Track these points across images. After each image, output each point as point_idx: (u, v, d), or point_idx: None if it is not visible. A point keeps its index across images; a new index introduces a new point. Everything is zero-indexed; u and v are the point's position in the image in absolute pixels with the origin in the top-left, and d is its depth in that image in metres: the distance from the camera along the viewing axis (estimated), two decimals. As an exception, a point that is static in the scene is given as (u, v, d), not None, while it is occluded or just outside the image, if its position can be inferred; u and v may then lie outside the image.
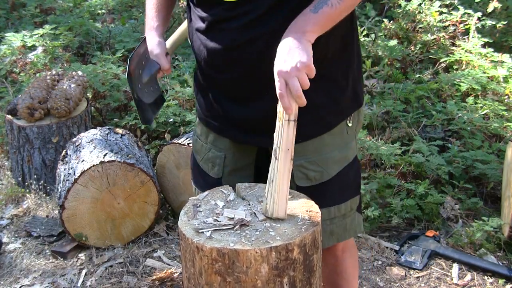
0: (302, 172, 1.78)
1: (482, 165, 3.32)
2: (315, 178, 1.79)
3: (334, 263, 2.02)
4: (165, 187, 3.36)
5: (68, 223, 3.04)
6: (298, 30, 1.52)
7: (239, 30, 1.64)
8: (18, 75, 4.73)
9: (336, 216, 1.85)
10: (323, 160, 1.79)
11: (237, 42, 1.66)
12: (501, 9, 4.78)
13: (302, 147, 1.75)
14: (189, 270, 1.50)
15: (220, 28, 1.69)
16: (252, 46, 1.65)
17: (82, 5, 6.15)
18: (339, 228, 1.87)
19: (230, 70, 1.71)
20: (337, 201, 1.84)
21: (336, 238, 1.89)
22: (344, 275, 2.04)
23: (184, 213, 1.60)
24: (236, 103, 1.77)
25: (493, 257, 2.87)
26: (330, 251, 1.98)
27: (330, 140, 1.79)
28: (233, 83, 1.74)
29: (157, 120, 3.81)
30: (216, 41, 1.69)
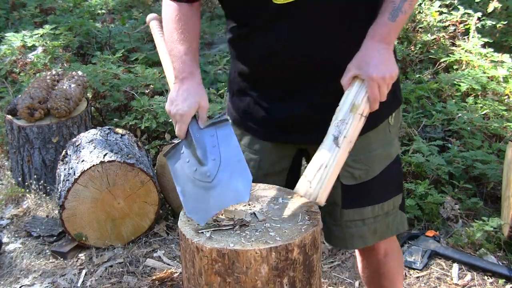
0: (348, 170, 1.77)
1: (482, 165, 3.32)
2: (360, 176, 1.79)
3: (377, 265, 2.03)
4: (165, 187, 3.36)
5: (68, 223, 3.04)
6: (383, 40, 1.59)
7: (287, 32, 1.64)
8: (18, 75, 4.73)
9: (379, 214, 1.85)
10: (368, 158, 1.78)
11: (285, 43, 1.65)
12: (501, 9, 4.78)
13: None
14: (189, 270, 1.50)
15: (266, 31, 1.67)
16: (300, 47, 1.65)
17: (82, 5, 6.16)
18: (382, 226, 1.87)
19: (278, 70, 1.70)
20: (381, 199, 1.84)
21: (379, 237, 1.89)
22: (388, 275, 2.05)
23: (184, 213, 1.60)
24: (280, 102, 1.76)
25: (493, 257, 2.87)
26: (372, 254, 1.99)
27: (375, 138, 1.79)
28: (278, 83, 1.73)
29: (157, 120, 3.81)
30: (262, 44, 1.68)
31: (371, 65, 1.55)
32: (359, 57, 1.58)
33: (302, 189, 1.52)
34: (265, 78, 1.75)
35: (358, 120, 1.55)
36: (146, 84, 4.23)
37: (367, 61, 1.56)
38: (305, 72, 1.68)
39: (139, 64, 4.68)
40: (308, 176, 1.52)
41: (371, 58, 1.56)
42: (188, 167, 1.61)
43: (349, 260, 2.94)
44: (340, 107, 1.57)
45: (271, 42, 1.66)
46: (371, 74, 1.55)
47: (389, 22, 1.59)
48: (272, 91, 1.76)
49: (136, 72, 4.38)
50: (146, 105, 3.90)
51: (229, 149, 1.60)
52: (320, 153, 1.53)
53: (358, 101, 1.56)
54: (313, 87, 1.70)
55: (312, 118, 1.71)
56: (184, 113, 1.64)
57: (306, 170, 1.54)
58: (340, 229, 1.87)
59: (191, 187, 1.59)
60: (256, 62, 1.73)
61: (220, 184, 1.56)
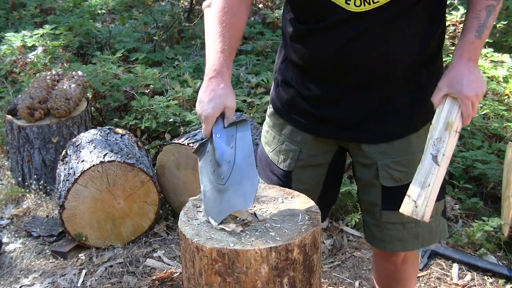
0: (388, 172, 1.78)
1: (482, 165, 3.32)
2: (400, 178, 1.78)
3: (393, 270, 2.02)
4: (165, 187, 3.37)
5: (68, 223, 3.04)
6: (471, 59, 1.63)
7: (353, 35, 1.64)
8: (18, 75, 4.73)
9: None
10: (408, 161, 1.77)
11: (350, 46, 1.65)
12: (501, 9, 4.78)
13: (390, 147, 1.77)
14: (189, 270, 1.50)
15: (332, 32, 1.66)
16: (364, 51, 1.65)
17: (82, 5, 6.16)
18: (425, 231, 1.86)
19: (337, 71, 1.70)
20: None
21: (421, 243, 1.87)
22: (403, 282, 2.05)
23: (184, 213, 1.60)
24: (329, 101, 1.76)
25: (493, 257, 2.87)
26: (391, 259, 1.98)
27: (416, 141, 1.78)
28: (332, 82, 1.73)
29: (157, 120, 3.81)
30: (326, 44, 1.67)
31: (464, 84, 1.59)
32: (450, 76, 1.62)
33: (408, 209, 1.58)
34: (321, 76, 1.74)
35: (454, 137, 1.61)
36: (146, 84, 4.23)
37: (459, 80, 1.60)
38: (363, 76, 1.68)
39: (139, 64, 4.68)
40: (413, 195, 1.58)
41: (463, 77, 1.60)
42: (210, 167, 1.64)
43: (349, 260, 2.94)
44: (434, 125, 1.62)
45: (336, 44, 1.65)
46: (466, 93, 1.59)
47: (476, 40, 1.62)
48: (324, 89, 1.75)
49: (136, 72, 4.38)
50: (146, 105, 3.90)
51: (243, 152, 1.60)
52: (421, 172, 1.59)
53: (452, 119, 1.61)
54: (364, 91, 1.70)
55: (363, 119, 1.74)
56: (208, 114, 1.64)
57: (410, 190, 1.59)
58: (380, 230, 1.86)
59: (210, 187, 1.62)
60: (317, 60, 1.71)
61: (231, 187, 1.57)
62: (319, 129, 1.81)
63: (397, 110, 1.73)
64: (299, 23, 1.73)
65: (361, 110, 1.73)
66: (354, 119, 1.74)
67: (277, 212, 1.57)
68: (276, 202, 1.63)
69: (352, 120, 1.74)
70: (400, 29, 1.64)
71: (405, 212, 1.58)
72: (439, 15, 1.72)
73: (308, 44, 1.72)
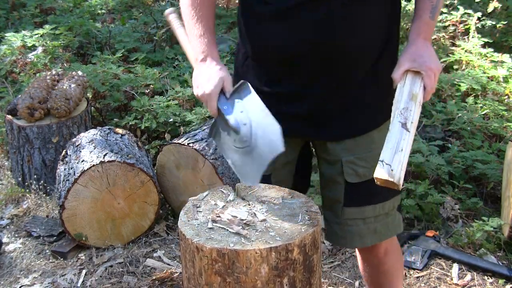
0: (352, 168, 1.80)
1: (482, 165, 3.32)
2: (364, 174, 1.81)
3: (377, 264, 2.04)
4: (165, 187, 3.36)
5: (68, 223, 3.04)
6: (427, 38, 1.71)
7: (314, 19, 1.63)
8: (18, 75, 4.73)
9: (380, 214, 1.87)
10: (372, 157, 1.79)
11: (311, 30, 1.64)
12: (501, 9, 4.79)
13: (354, 143, 1.78)
14: (189, 270, 1.50)
15: (293, 15, 1.65)
16: (327, 35, 1.65)
17: (82, 5, 6.16)
18: (383, 226, 1.89)
19: (302, 63, 1.69)
20: (383, 199, 1.86)
21: (379, 237, 1.90)
22: (388, 274, 2.06)
23: (184, 213, 1.60)
24: (295, 99, 1.76)
25: (493, 257, 2.87)
26: (372, 253, 1.99)
27: (378, 137, 1.80)
28: (292, 75, 1.73)
29: (157, 120, 3.81)
30: (287, 29, 1.67)
31: (425, 57, 1.66)
32: (411, 52, 1.67)
33: (384, 173, 1.56)
34: (283, 67, 1.73)
35: (418, 107, 1.65)
36: (146, 84, 4.23)
37: (421, 54, 1.66)
38: (325, 64, 1.68)
39: (139, 64, 4.68)
40: (387, 160, 1.58)
41: (424, 52, 1.67)
42: (229, 139, 1.68)
43: (349, 260, 2.94)
44: (398, 98, 1.66)
45: (297, 28, 1.65)
46: (429, 65, 1.65)
47: (430, 21, 1.70)
48: (286, 83, 1.75)
49: (136, 72, 4.38)
50: (146, 105, 3.90)
51: (255, 109, 1.65)
52: (392, 139, 1.61)
53: (416, 91, 1.67)
54: (327, 83, 1.70)
55: (321, 113, 1.74)
56: (210, 91, 1.67)
57: (382, 156, 1.59)
58: (341, 227, 1.88)
59: (237, 156, 1.67)
60: (277, 47, 1.70)
61: (257, 144, 1.63)
62: (285, 129, 1.79)
63: (360, 105, 1.75)
64: (260, 6, 1.70)
65: (325, 105, 1.73)
66: (319, 116, 1.74)
67: (277, 212, 1.57)
68: (276, 202, 1.63)
69: (318, 117, 1.74)
70: (362, 14, 1.66)
71: (381, 176, 1.55)
72: (396, 3, 1.77)
73: (270, 28, 1.70)
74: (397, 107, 1.64)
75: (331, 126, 1.75)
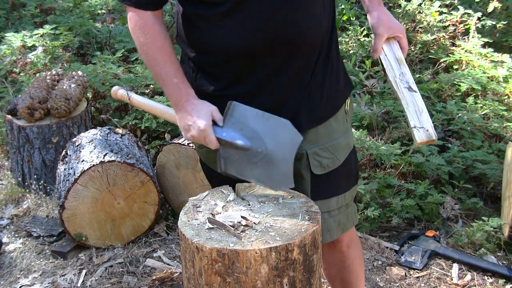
0: (317, 160, 1.80)
1: (482, 165, 3.32)
2: (328, 165, 1.81)
3: (341, 259, 2.03)
4: (165, 187, 3.37)
5: (68, 223, 3.04)
6: (381, 3, 1.84)
7: (277, 6, 1.63)
8: (18, 75, 4.73)
9: (342, 206, 1.88)
10: (333, 147, 1.82)
11: (273, 18, 1.63)
12: (501, 9, 4.78)
13: (316, 133, 1.79)
14: (189, 270, 1.50)
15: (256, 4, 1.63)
16: (287, 22, 1.65)
17: (82, 5, 6.15)
18: (344, 217, 1.90)
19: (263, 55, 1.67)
20: (344, 189, 1.87)
21: (341, 229, 1.90)
22: (352, 268, 2.06)
23: (184, 213, 1.60)
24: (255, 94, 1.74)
25: (493, 257, 2.87)
26: (336, 248, 1.99)
27: (336, 126, 1.83)
28: (252, 72, 1.71)
29: (157, 120, 3.81)
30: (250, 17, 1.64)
31: (395, 23, 1.81)
32: (383, 20, 1.79)
33: (423, 136, 1.68)
34: (242, 63, 1.70)
35: (407, 67, 1.78)
36: (146, 84, 4.23)
37: (391, 20, 1.80)
38: (285, 52, 1.67)
39: (139, 64, 4.68)
40: (418, 124, 1.69)
41: (391, 18, 1.81)
42: (243, 160, 1.66)
43: (349, 260, 2.94)
44: (388, 68, 1.77)
45: (260, 16, 1.63)
46: (400, 28, 1.81)
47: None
48: (243, 80, 1.72)
49: (136, 72, 4.38)
50: (146, 105, 3.89)
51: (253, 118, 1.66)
52: (409, 104, 1.72)
53: (399, 54, 1.80)
54: (287, 72, 1.70)
55: (285, 105, 1.73)
56: (204, 127, 1.64)
57: (411, 122, 1.70)
58: None
59: (260, 170, 1.65)
60: (239, 41, 1.65)
61: (274, 147, 1.64)
62: None
63: (318, 93, 1.76)
64: (211, 8, 1.65)
65: (287, 97, 1.73)
66: (283, 110, 1.72)
67: (277, 212, 1.57)
68: (276, 202, 1.63)
69: (281, 111, 1.71)
70: (312, 2, 1.68)
71: (421, 139, 1.67)
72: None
73: (225, 27, 1.65)
74: (393, 75, 1.75)
75: (295, 118, 1.73)
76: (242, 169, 1.67)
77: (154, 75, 1.74)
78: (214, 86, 1.76)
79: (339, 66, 1.85)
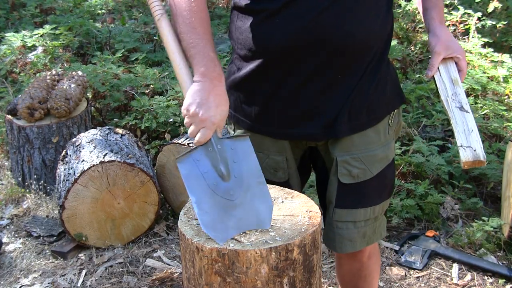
0: (347, 168, 1.76)
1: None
2: (358, 175, 1.77)
3: (359, 268, 2.00)
4: (165, 187, 3.37)
5: (68, 223, 3.04)
6: (444, 23, 1.85)
7: (323, 8, 1.61)
8: (18, 75, 4.73)
9: (370, 218, 1.83)
10: (367, 158, 1.76)
11: (318, 20, 1.60)
12: (501, 9, 4.78)
13: (351, 142, 1.74)
14: (189, 270, 1.50)
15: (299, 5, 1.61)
16: (333, 26, 1.62)
17: (82, 5, 6.16)
18: (370, 230, 1.85)
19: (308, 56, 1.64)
20: (374, 202, 1.82)
21: (366, 241, 1.86)
22: (368, 279, 2.03)
23: (184, 213, 1.59)
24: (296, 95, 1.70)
25: (493, 257, 2.87)
26: (356, 257, 1.96)
27: (374, 137, 1.77)
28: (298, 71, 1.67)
29: (157, 120, 3.81)
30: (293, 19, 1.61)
31: (456, 42, 1.81)
32: (443, 40, 1.79)
33: (469, 155, 1.66)
34: (287, 64, 1.66)
35: (462, 89, 1.77)
36: (146, 84, 4.23)
37: (450, 41, 1.80)
38: (331, 56, 1.64)
39: (139, 64, 4.68)
40: (465, 143, 1.67)
41: (451, 38, 1.81)
42: (207, 178, 1.51)
43: (349, 260, 2.94)
44: (441, 87, 1.77)
45: (304, 18, 1.60)
46: (460, 49, 1.81)
47: (443, 6, 1.85)
48: (289, 83, 1.68)
49: (136, 72, 4.38)
50: (146, 105, 3.90)
51: (251, 169, 1.54)
52: (458, 124, 1.71)
53: (455, 75, 1.79)
54: (332, 78, 1.67)
55: (329, 111, 1.70)
56: (216, 121, 1.52)
57: (459, 142, 1.68)
58: (331, 229, 1.84)
59: (211, 201, 1.50)
60: (282, 41, 1.62)
61: (243, 205, 1.50)
62: (294, 133, 1.77)
63: (360, 101, 1.71)
64: (261, 4, 1.64)
65: (333, 102, 1.69)
66: (322, 114, 1.69)
67: (277, 212, 1.57)
68: (276, 202, 1.63)
69: (320, 115, 1.69)
70: (364, 5, 1.65)
71: (467, 159, 1.65)
72: (391, 1, 1.78)
73: (275, 22, 1.62)
74: (445, 95, 1.75)
75: (332, 124, 1.71)
76: (194, 182, 1.52)
77: (187, 44, 1.57)
78: (255, 89, 1.73)
79: (388, 76, 1.78)
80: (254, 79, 1.73)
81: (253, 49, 1.68)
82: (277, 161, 1.81)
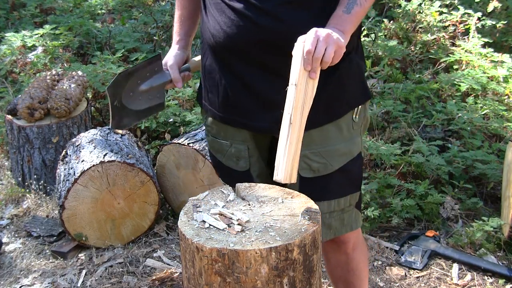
0: (306, 163, 1.80)
1: (482, 165, 3.32)
2: (318, 169, 1.81)
3: (345, 261, 2.04)
4: (165, 187, 3.37)
5: (68, 223, 3.04)
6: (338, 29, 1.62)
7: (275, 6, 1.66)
8: (18, 75, 4.73)
9: (335, 210, 1.87)
10: (327, 152, 1.81)
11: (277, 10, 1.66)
12: (501, 9, 4.78)
13: (308, 137, 1.75)
14: (189, 270, 1.50)
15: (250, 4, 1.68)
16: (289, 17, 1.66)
17: (82, 5, 6.15)
18: (337, 222, 1.90)
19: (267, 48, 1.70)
20: (338, 195, 1.86)
21: (333, 232, 1.91)
22: (356, 271, 2.06)
23: (184, 213, 1.60)
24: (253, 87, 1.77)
25: (493, 257, 2.87)
26: (341, 249, 2.00)
27: (335, 132, 1.81)
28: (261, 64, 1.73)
29: (157, 120, 3.81)
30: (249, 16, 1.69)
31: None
32: None
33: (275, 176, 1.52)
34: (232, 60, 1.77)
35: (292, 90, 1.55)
36: (146, 84, 4.22)
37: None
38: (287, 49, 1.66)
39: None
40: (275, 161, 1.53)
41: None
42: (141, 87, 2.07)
43: (349, 260, 2.94)
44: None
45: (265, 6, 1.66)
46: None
47: (343, 14, 1.66)
48: (251, 73, 1.76)
49: (136, 72, 4.37)
50: (146, 105, 3.89)
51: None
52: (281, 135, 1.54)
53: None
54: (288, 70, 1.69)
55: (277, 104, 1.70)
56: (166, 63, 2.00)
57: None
58: None
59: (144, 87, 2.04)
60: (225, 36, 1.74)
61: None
62: (254, 125, 1.82)
63: (318, 96, 1.65)
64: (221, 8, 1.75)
65: (278, 96, 1.68)
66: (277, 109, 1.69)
67: (277, 212, 1.57)
68: (276, 202, 1.63)
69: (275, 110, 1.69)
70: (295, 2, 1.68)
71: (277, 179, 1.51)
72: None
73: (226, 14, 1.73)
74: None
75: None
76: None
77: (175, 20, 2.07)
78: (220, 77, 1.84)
79: (349, 73, 1.79)
80: (212, 70, 1.85)
81: (204, 40, 1.84)
82: (239, 150, 1.90)
